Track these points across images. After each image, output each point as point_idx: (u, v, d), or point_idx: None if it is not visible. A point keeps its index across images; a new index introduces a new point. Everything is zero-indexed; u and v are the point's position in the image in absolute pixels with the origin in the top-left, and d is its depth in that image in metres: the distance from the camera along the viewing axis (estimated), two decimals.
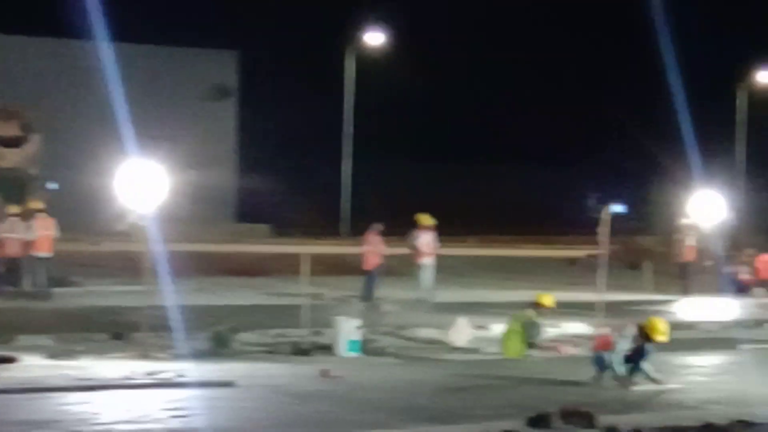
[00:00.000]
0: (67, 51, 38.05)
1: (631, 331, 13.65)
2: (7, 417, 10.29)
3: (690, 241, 25.68)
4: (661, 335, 13.54)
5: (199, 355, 15.15)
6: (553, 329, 17.58)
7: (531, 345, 16.30)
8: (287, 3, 60.34)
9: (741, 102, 43.15)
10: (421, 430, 10.81)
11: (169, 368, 14.04)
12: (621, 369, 13.61)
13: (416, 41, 52.53)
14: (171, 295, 17.14)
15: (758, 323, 22.08)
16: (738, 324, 22.05)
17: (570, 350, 16.14)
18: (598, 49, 61.76)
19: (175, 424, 10.73)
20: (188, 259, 24.74)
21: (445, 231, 24.34)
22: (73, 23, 28.46)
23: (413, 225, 23.55)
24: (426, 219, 23.33)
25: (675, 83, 29.54)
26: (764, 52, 47.27)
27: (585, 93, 59.72)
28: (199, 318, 17.82)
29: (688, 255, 25.90)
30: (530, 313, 16.62)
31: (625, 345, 13.59)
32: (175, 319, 16.43)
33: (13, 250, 21.72)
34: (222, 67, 42.48)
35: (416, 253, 23.11)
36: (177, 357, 14.97)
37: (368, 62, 44.86)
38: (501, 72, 61.60)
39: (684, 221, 25.81)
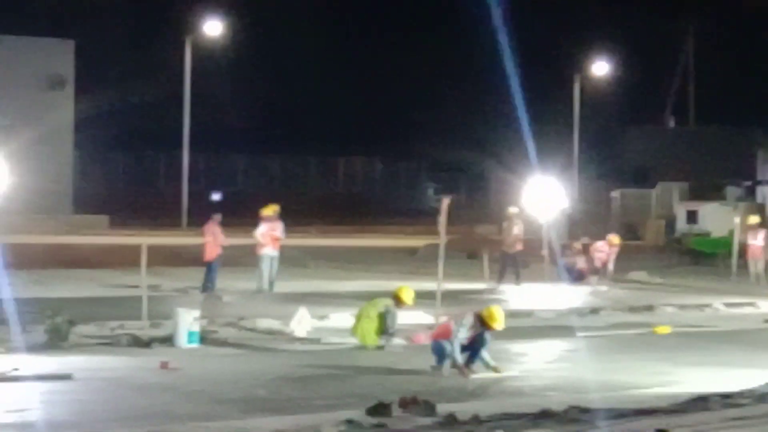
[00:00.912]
0: None
1: (469, 319, 13.78)
2: None
3: (517, 230, 25.74)
4: (498, 323, 13.78)
5: (36, 348, 14.92)
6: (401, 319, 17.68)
7: (388, 334, 16.10)
8: None
9: (575, 93, 44.34)
10: (259, 421, 10.66)
11: (3, 362, 13.72)
12: (459, 357, 13.75)
13: (255, 32, 53.20)
14: (5, 288, 16.83)
15: (594, 311, 22.30)
16: (574, 312, 22.11)
17: (423, 339, 15.87)
18: (437, 44, 64.09)
19: (11, 419, 10.50)
20: (24, 251, 24.09)
21: (288, 222, 24.38)
22: None
23: (256, 215, 23.48)
24: (267, 209, 23.29)
25: (511, 75, 29.94)
26: (598, 44, 49.34)
27: (426, 86, 61.69)
28: (35, 310, 17.34)
29: (515, 244, 25.92)
30: (388, 302, 16.37)
31: (463, 333, 13.69)
32: (10, 311, 16.20)
33: None
34: (59, 57, 42.08)
35: (259, 244, 23.14)
36: (12, 350, 14.72)
37: (207, 52, 44.53)
38: (342, 66, 62.70)
39: (511, 210, 26.19)
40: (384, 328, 15.90)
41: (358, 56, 61.67)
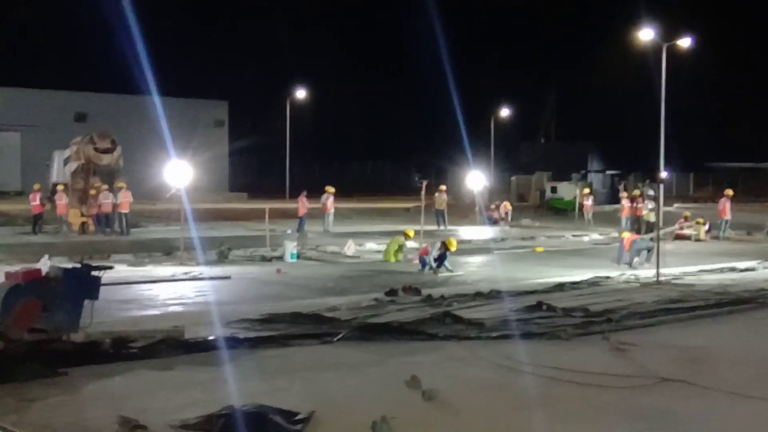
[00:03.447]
0: (129, 101, 54.72)
1: (438, 245, 19.87)
2: (110, 298, 12.93)
3: (443, 197, 35.77)
4: (454, 247, 20.12)
5: (211, 263, 20.48)
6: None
7: (400, 255, 21.83)
8: None
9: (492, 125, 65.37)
10: (329, 300, 14.21)
11: (195, 270, 19.39)
12: (433, 265, 19.34)
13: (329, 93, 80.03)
14: (194, 230, 22.69)
15: (503, 240, 30.50)
16: (491, 240, 29.92)
17: (417, 260, 20.58)
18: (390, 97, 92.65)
19: (200, 299, 14.81)
20: (203, 212, 31.01)
21: (340, 194, 34.22)
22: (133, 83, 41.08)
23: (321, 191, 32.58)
24: (328, 188, 31.63)
25: (455, 111, 44.99)
26: (506, 93, 74.64)
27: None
28: (210, 242, 23.10)
29: (440, 205, 35.89)
30: (400, 238, 22.36)
31: (435, 252, 19.63)
32: (196, 243, 21.65)
33: (107, 208, 28.62)
34: (220, 109, 61.49)
35: (323, 207, 31.63)
36: (199, 263, 20.34)
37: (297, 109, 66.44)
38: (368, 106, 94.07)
39: (441, 186, 36.53)
40: (399, 252, 22.10)
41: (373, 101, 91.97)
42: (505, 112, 68.78)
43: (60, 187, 31.18)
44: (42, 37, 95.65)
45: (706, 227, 32.04)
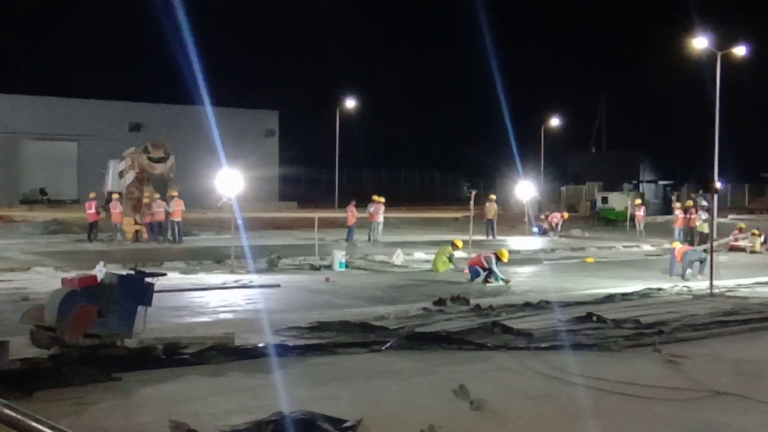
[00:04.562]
0: (182, 111, 56.39)
1: (493, 257, 19.77)
2: (163, 305, 13.39)
3: (493, 207, 35.91)
4: (506, 257, 20.24)
5: (261, 271, 20.74)
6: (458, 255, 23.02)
7: (451, 264, 21.77)
8: None
9: (542, 136, 63.78)
10: (377, 309, 14.38)
11: (245, 278, 19.58)
12: (482, 274, 19.20)
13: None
14: (245, 239, 22.99)
15: (552, 250, 30.28)
16: (541, 250, 29.99)
17: (466, 270, 20.54)
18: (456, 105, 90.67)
19: (249, 307, 15.00)
20: (254, 220, 31.52)
21: (389, 204, 34.34)
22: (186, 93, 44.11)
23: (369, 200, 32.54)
24: (378, 198, 31.58)
25: (505, 121, 46.46)
26: (556, 103, 74.60)
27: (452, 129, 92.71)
28: (260, 251, 23.25)
29: (490, 215, 36.03)
30: (449, 248, 22.26)
31: (494, 265, 19.45)
32: (247, 251, 21.92)
33: (160, 216, 29.07)
34: (270, 119, 62.00)
35: (370, 216, 31.57)
36: (249, 272, 20.57)
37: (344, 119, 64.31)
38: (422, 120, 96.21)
39: (491, 196, 36.51)
40: (448, 262, 22.05)
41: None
42: (555, 122, 68.26)
43: (115, 196, 31.81)
44: (97, 48, 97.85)
45: (762, 239, 31.43)
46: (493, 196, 37.19)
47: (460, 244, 23.10)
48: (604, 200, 54.30)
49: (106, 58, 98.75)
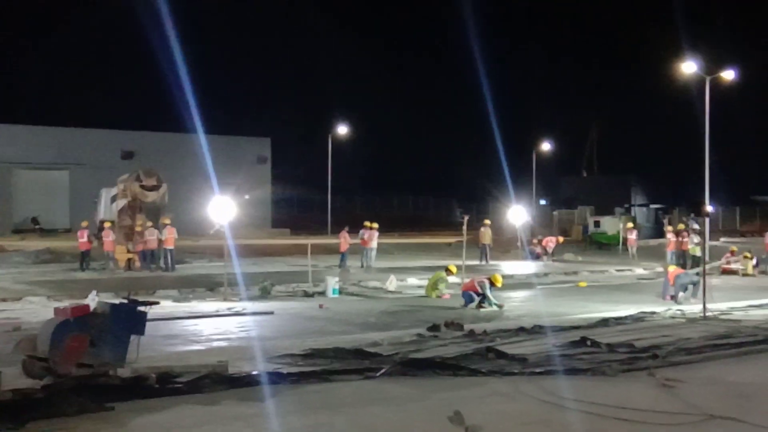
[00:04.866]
0: (174, 139, 56.65)
1: (484, 281, 19.93)
2: (156, 333, 13.48)
3: (488, 232, 36.49)
4: (500, 283, 20.27)
5: (253, 298, 20.86)
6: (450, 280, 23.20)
7: (439, 290, 21.80)
8: None
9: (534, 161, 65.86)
10: (371, 335, 14.32)
11: (238, 305, 19.58)
12: (491, 299, 19.40)
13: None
14: (237, 266, 22.99)
15: (545, 275, 30.50)
16: (534, 275, 30.13)
17: (446, 295, 21.65)
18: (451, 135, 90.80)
19: (243, 335, 15.03)
20: (246, 247, 31.73)
21: (382, 229, 33.99)
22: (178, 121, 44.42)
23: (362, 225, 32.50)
24: (371, 224, 31.69)
25: (497, 146, 46.67)
26: (548, 127, 75.47)
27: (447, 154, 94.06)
28: (253, 278, 23.28)
29: (485, 240, 36.46)
30: (442, 273, 22.36)
31: (488, 291, 19.58)
32: (239, 278, 22.05)
33: (153, 245, 29.02)
34: (263, 146, 62.77)
35: (363, 242, 31.61)
36: (242, 299, 20.62)
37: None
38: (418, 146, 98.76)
39: (485, 221, 37.34)
40: (438, 287, 22.08)
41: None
42: (546, 146, 68.66)
43: (107, 224, 31.84)
44: (89, 76, 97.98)
45: (754, 261, 31.50)
46: (488, 221, 37.42)
47: (454, 269, 23.08)
48: (597, 224, 54.55)
49: (97, 86, 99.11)
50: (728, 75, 38.99)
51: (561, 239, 41.67)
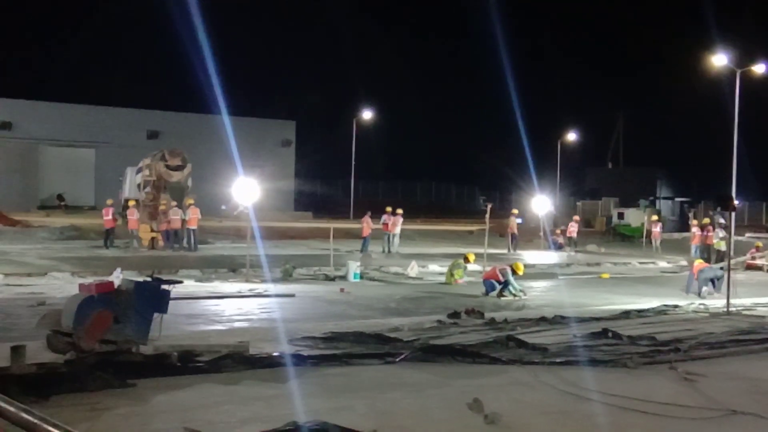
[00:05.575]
0: (199, 120, 56.68)
1: (507, 269, 19.87)
2: (178, 312, 13.45)
3: (514, 222, 36.35)
4: (521, 271, 20.33)
5: (276, 280, 20.91)
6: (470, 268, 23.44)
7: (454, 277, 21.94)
8: None
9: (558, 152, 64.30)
10: (391, 320, 14.40)
11: (260, 287, 19.72)
12: (516, 286, 19.31)
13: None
14: (261, 248, 23.14)
15: (567, 265, 30.40)
16: (557, 265, 30.03)
17: (460, 281, 21.94)
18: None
19: (264, 316, 15.12)
20: (269, 230, 31.67)
21: (406, 216, 34.24)
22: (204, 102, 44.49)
23: (383, 211, 32.53)
24: (395, 210, 31.76)
25: (522, 135, 46.37)
26: (573, 117, 75.12)
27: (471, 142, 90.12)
28: (275, 260, 23.40)
29: (514, 228, 36.35)
30: (461, 261, 22.45)
31: (510, 277, 19.58)
32: (263, 261, 22.14)
33: (176, 224, 29.25)
34: (287, 129, 62.04)
35: (385, 226, 31.65)
36: (264, 281, 20.72)
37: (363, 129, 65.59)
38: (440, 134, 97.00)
39: (513, 211, 37.30)
40: (457, 275, 22.25)
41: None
42: (572, 136, 68.19)
43: (131, 203, 32.07)
44: (116, 56, 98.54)
45: None
46: (516, 211, 37.75)
47: (472, 257, 23.09)
48: (621, 216, 54.14)
49: (124, 66, 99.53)
50: (759, 68, 38.51)
51: (577, 218, 41.93)
